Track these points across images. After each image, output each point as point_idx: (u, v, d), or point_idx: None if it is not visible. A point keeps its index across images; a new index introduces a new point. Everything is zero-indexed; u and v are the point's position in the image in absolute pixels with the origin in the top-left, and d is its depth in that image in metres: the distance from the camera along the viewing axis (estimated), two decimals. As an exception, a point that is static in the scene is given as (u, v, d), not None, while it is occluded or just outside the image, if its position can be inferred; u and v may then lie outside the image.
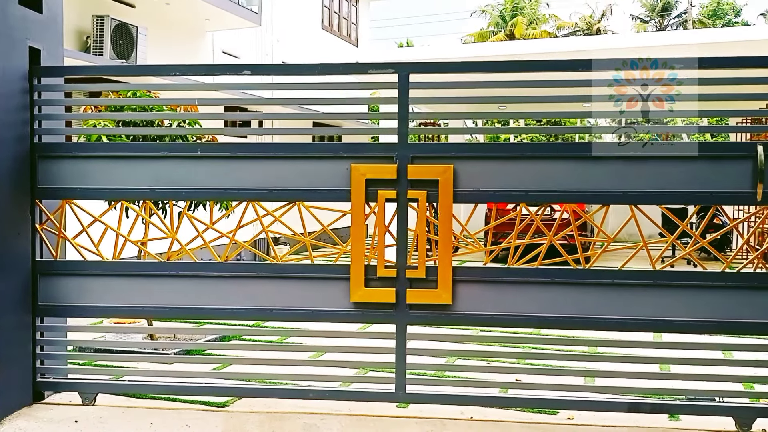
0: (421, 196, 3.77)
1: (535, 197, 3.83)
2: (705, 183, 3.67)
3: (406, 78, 3.80)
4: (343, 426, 3.74)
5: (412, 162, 3.79)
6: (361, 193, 3.80)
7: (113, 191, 4.09)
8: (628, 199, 3.74)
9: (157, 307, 4.12)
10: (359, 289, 3.82)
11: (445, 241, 3.79)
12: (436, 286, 3.78)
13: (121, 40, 9.05)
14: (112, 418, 3.82)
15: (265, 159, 4.01)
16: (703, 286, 3.73)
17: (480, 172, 3.82)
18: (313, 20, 15.86)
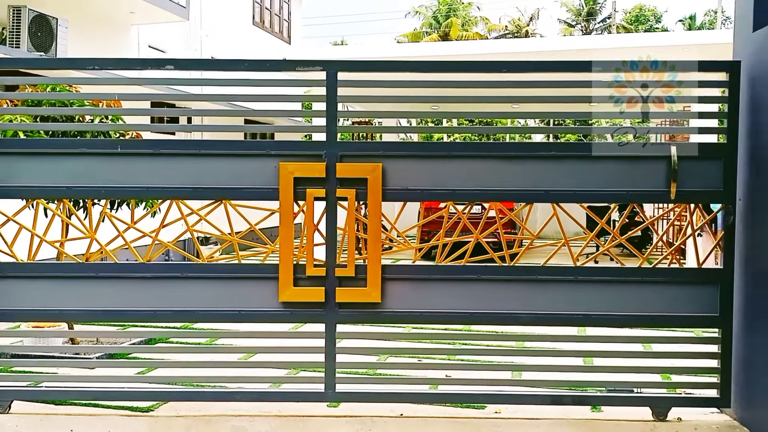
0: (350, 195, 3.77)
1: (462, 195, 3.89)
2: (623, 182, 3.81)
3: (335, 76, 3.80)
4: (272, 427, 3.70)
5: (341, 160, 3.78)
6: (290, 192, 3.77)
7: (28, 189, 3.90)
8: (549, 197, 3.85)
9: (77, 310, 3.94)
10: (288, 289, 3.79)
11: (374, 239, 3.80)
12: (366, 285, 3.78)
13: (39, 32, 8.65)
14: (29, 426, 3.66)
15: (189, 156, 3.90)
16: (620, 281, 3.87)
17: (409, 171, 3.84)
18: (244, 16, 15.62)
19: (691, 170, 3.74)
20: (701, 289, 3.80)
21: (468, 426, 3.77)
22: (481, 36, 36.70)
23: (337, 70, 3.81)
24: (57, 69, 4.78)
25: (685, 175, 3.72)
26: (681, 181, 3.72)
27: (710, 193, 3.79)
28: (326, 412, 3.92)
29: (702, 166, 3.76)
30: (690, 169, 3.73)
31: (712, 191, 3.77)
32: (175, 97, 10.01)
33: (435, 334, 5.49)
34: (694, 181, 3.75)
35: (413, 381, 4.05)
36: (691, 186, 3.75)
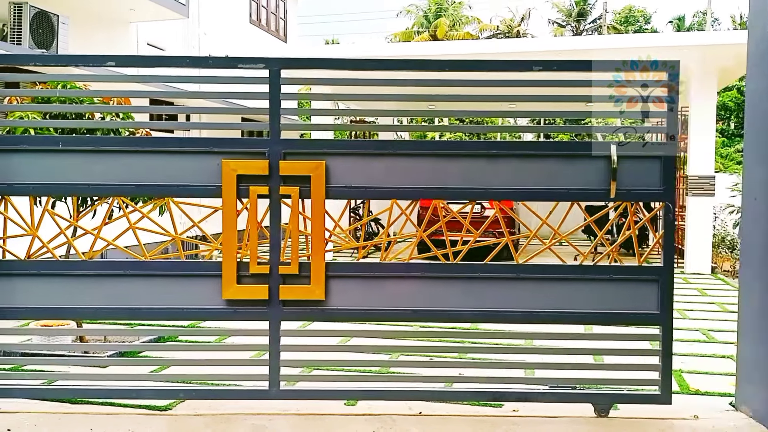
0: (294, 192, 3.77)
1: (404, 194, 3.89)
2: (563, 180, 3.84)
3: (278, 73, 3.80)
4: (291, 425, 3.71)
5: (284, 158, 3.78)
6: (233, 189, 3.76)
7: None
8: (489, 195, 3.89)
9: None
10: (231, 286, 3.79)
11: (317, 237, 3.81)
12: (310, 282, 3.80)
13: (41, 29, 8.58)
14: (48, 425, 3.64)
15: (132, 153, 3.88)
16: (561, 278, 3.89)
17: (352, 169, 3.84)
18: (241, 14, 15.57)
19: (631, 169, 3.78)
20: (641, 286, 3.83)
21: (486, 424, 3.79)
22: (472, 36, 36.76)
23: (279, 67, 3.81)
24: (68, 66, 4.69)
25: (624, 174, 3.77)
26: (621, 180, 3.77)
27: (649, 192, 3.83)
28: (344, 410, 3.93)
29: (642, 165, 3.80)
30: (629, 168, 3.78)
31: (651, 190, 3.81)
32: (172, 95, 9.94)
33: (444, 333, 5.51)
34: (633, 179, 3.79)
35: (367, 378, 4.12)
36: (630, 185, 3.79)
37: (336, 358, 4.34)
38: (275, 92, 3.79)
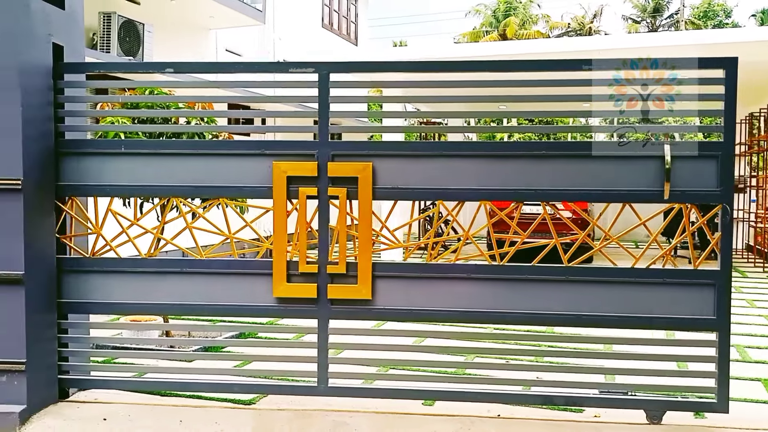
0: (341, 193, 3.84)
1: (451, 195, 3.89)
2: (615, 181, 3.75)
3: (326, 77, 3.85)
4: (372, 423, 3.76)
5: (332, 159, 3.84)
6: (283, 190, 3.85)
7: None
8: (537, 196, 3.82)
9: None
10: (281, 285, 3.88)
11: (364, 237, 3.86)
12: (357, 282, 3.84)
13: (127, 38, 9.00)
14: (141, 415, 3.82)
15: (192, 156, 4.02)
16: (613, 281, 3.81)
17: (398, 170, 3.87)
18: (314, 18, 15.86)
19: (686, 170, 3.68)
20: (697, 290, 3.72)
21: (567, 429, 3.74)
22: (542, 34, 36.18)
23: (328, 71, 3.87)
24: (135, 72, 4.94)
25: (679, 175, 3.67)
26: (675, 181, 3.66)
27: (705, 193, 3.71)
28: (423, 410, 3.95)
29: (697, 166, 3.69)
30: (684, 169, 3.68)
31: (707, 191, 3.70)
32: (249, 99, 10.22)
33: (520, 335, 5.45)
34: (689, 180, 3.69)
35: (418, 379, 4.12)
36: (685, 186, 3.69)
37: (411, 358, 4.37)
38: (324, 95, 3.87)
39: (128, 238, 4.10)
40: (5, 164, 3.69)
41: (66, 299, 4.04)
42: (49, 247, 3.96)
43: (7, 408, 3.64)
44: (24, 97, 3.72)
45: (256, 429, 3.69)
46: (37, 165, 3.84)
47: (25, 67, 3.73)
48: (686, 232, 3.77)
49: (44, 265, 3.90)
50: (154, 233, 4.10)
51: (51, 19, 3.97)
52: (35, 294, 3.80)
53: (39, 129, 3.87)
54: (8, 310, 3.69)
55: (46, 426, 3.64)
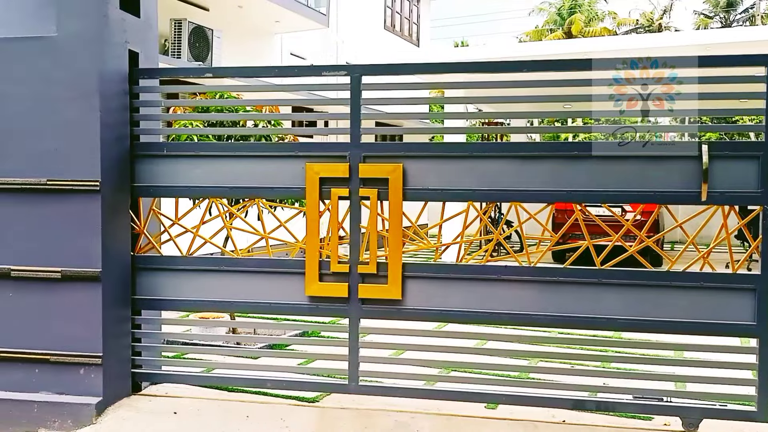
0: (372, 194, 3.88)
1: (481, 196, 3.89)
2: (651, 183, 3.68)
3: (359, 80, 3.90)
4: (433, 425, 3.76)
5: (364, 161, 3.90)
6: (316, 191, 3.93)
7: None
8: (571, 197, 3.79)
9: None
10: (313, 284, 3.96)
11: (394, 237, 3.89)
12: (387, 282, 3.88)
13: (197, 43, 9.30)
14: (209, 410, 3.94)
15: (225, 158, 4.15)
16: (647, 285, 3.72)
17: (428, 171, 3.90)
18: (376, 21, 15.98)
19: (725, 170, 3.58)
20: (736, 295, 3.61)
21: (634, 437, 3.65)
22: (609, 31, 35.29)
23: (360, 74, 3.92)
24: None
25: (717, 176, 3.57)
26: (713, 182, 3.57)
27: (745, 195, 3.59)
28: (486, 413, 3.93)
29: (736, 166, 3.58)
30: (723, 169, 3.58)
31: (747, 193, 3.58)
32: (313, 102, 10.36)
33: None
34: (728, 181, 3.58)
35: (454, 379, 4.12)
36: (724, 187, 3.59)
37: (472, 360, 4.34)
38: (356, 98, 3.93)
39: (170, 237, 4.28)
40: (85, 166, 3.86)
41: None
42: (125, 245, 4.13)
43: (85, 399, 3.81)
44: (102, 102, 3.89)
45: (320, 426, 3.75)
46: (114, 167, 4.01)
47: (103, 74, 3.91)
48: (726, 234, 3.67)
49: (120, 263, 4.07)
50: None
51: (127, 27, 4.14)
52: (111, 290, 3.97)
53: (116, 132, 4.04)
54: (86, 306, 3.87)
55: (120, 418, 3.79)
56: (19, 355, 3.92)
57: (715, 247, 3.72)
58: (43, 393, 3.87)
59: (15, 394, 3.88)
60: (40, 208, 3.91)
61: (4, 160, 3.93)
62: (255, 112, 5.48)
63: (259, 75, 4.96)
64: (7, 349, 3.93)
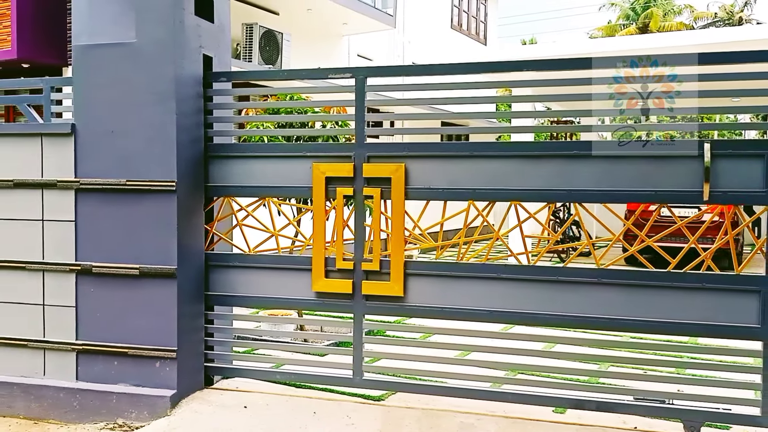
0: (376, 193, 3.98)
1: (482, 195, 3.91)
2: (651, 182, 3.64)
3: (363, 81, 4.00)
4: (499, 427, 3.72)
5: (368, 161, 4.00)
6: (322, 190, 4.05)
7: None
8: (572, 197, 3.79)
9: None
10: (320, 280, 4.09)
11: (397, 235, 3.96)
12: (390, 279, 3.95)
13: (267, 47, 9.52)
14: (278, 405, 4.02)
15: (249, 158, 4.31)
16: (647, 285, 3.68)
17: (430, 170, 3.96)
18: (443, 20, 15.93)
19: (728, 169, 3.52)
20: (740, 297, 3.53)
21: (711, 447, 3.51)
22: (685, 26, 34.00)
23: (364, 75, 4.03)
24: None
25: (720, 175, 3.52)
26: (715, 182, 3.51)
27: (749, 194, 3.52)
28: (553, 417, 3.87)
29: (740, 165, 3.51)
30: (726, 169, 3.52)
31: (751, 192, 3.51)
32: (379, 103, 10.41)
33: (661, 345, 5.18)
34: (731, 181, 3.52)
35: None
36: (728, 186, 3.52)
37: (539, 363, 4.26)
38: (360, 99, 4.02)
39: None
40: (161, 167, 4.02)
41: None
42: (199, 243, 4.27)
43: (160, 392, 3.96)
44: (178, 105, 4.04)
45: (385, 425, 3.77)
46: (189, 168, 4.15)
47: (179, 77, 4.05)
48: (729, 234, 3.56)
49: (194, 260, 4.21)
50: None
51: (202, 32, 4.28)
52: (186, 286, 4.12)
53: (190, 134, 4.19)
54: (162, 301, 4.03)
55: (193, 411, 3.92)
56: (100, 348, 4.11)
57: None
58: (121, 385, 4.06)
59: (96, 385, 4.08)
60: (121, 207, 4.09)
61: (90, 161, 4.13)
62: (323, 113, 5.56)
63: (274, 77, 5.24)
64: (89, 342, 4.13)
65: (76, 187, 4.15)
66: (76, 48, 4.20)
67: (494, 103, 8.55)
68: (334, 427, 3.71)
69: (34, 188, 4.24)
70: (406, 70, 4.30)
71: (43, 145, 4.24)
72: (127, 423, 3.91)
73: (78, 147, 4.17)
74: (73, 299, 4.17)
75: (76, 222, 4.17)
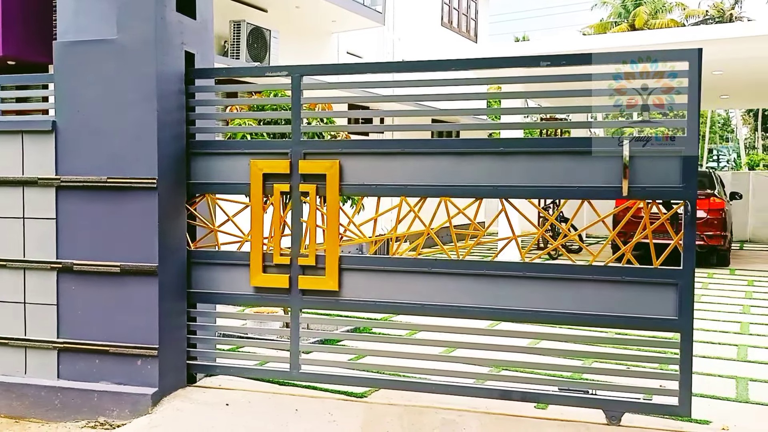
0: (312, 189, 4.05)
1: (414, 191, 3.96)
2: (573, 178, 3.71)
3: (299, 79, 4.07)
4: (482, 423, 3.72)
5: (304, 158, 4.07)
6: (259, 187, 4.10)
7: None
8: (498, 193, 3.85)
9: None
10: (258, 275, 4.15)
11: (331, 231, 4.01)
12: (325, 274, 4.02)
13: (255, 44, 9.47)
14: (260, 403, 4.01)
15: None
16: (571, 279, 3.73)
17: (364, 167, 4.02)
18: (433, 17, 15.91)
19: (647, 166, 3.60)
20: (659, 290, 3.61)
21: (691, 441, 3.52)
22: (676, 23, 34.10)
23: (301, 74, 4.10)
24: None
25: (639, 171, 3.60)
26: (635, 178, 3.59)
27: (667, 190, 3.59)
28: (536, 413, 3.87)
29: (658, 162, 3.59)
30: (645, 165, 3.59)
31: (669, 188, 3.58)
32: (368, 99, 10.42)
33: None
34: (650, 176, 3.60)
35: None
36: (646, 182, 3.60)
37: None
38: (296, 97, 4.09)
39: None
40: (143, 164, 4.00)
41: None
42: (181, 240, 4.25)
43: (141, 390, 3.95)
44: (160, 101, 4.01)
45: (367, 422, 3.76)
46: (171, 165, 4.13)
47: (161, 74, 4.03)
48: (647, 229, 3.65)
49: (176, 258, 4.20)
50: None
51: (184, 29, 4.26)
52: (167, 284, 4.10)
53: (172, 131, 4.17)
54: (143, 299, 4.01)
55: (175, 408, 3.91)
56: (81, 346, 4.09)
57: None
58: (103, 383, 4.04)
59: (77, 383, 4.06)
60: (102, 204, 4.06)
61: (71, 159, 4.11)
62: (308, 110, 5.54)
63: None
64: (70, 340, 4.11)
65: (57, 184, 4.13)
66: (57, 45, 4.17)
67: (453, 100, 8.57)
68: (315, 424, 3.70)
69: (14, 186, 4.21)
70: (343, 69, 4.34)
71: (24, 143, 4.21)
72: (108, 421, 3.89)
73: (59, 144, 4.14)
74: (54, 297, 4.15)
75: (57, 219, 4.14)
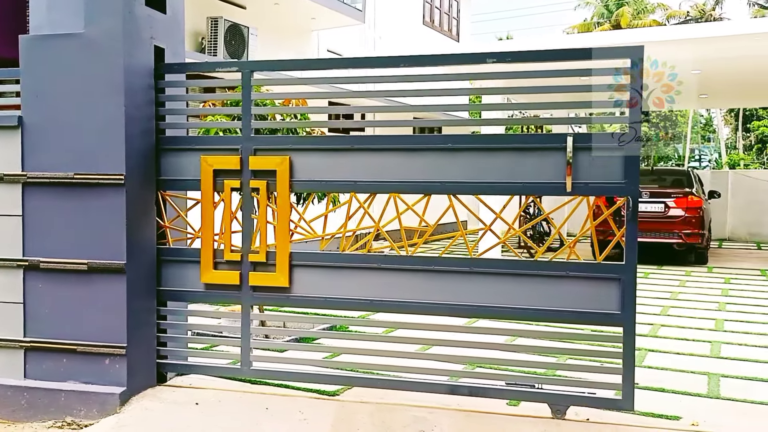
0: (262, 186, 4.03)
1: (364, 187, 3.98)
2: (518, 174, 3.73)
3: (249, 75, 4.07)
4: (453, 421, 3.70)
5: (254, 154, 4.06)
6: (210, 183, 4.09)
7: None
8: (446, 189, 3.86)
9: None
10: (208, 272, 4.13)
11: (282, 227, 4.01)
12: (275, 270, 4.02)
13: (233, 41, 9.40)
14: (230, 402, 3.97)
15: None
16: (516, 274, 3.77)
17: (314, 164, 4.02)
18: (415, 16, 15.89)
19: (590, 162, 3.62)
20: (602, 284, 3.64)
21: (661, 437, 3.53)
22: (658, 23, 34.39)
23: (251, 69, 4.10)
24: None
25: (582, 167, 3.62)
26: (578, 174, 3.62)
27: (610, 186, 3.62)
28: (507, 410, 3.86)
29: (602, 158, 3.61)
30: (589, 161, 3.62)
31: (611, 184, 3.61)
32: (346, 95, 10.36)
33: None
34: (593, 173, 3.62)
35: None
36: (589, 178, 3.63)
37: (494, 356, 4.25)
38: (247, 93, 4.09)
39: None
40: (110, 160, 3.93)
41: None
42: (150, 238, 4.19)
43: (109, 389, 3.89)
44: (128, 96, 3.95)
45: (338, 419, 3.73)
46: (139, 161, 4.07)
47: (129, 69, 3.96)
48: (590, 225, 3.70)
49: (145, 255, 4.13)
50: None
51: (153, 23, 4.19)
52: (136, 282, 4.03)
53: (141, 126, 4.10)
54: (111, 297, 3.94)
55: (143, 408, 3.85)
56: (48, 345, 4.02)
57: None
58: (70, 382, 3.97)
59: (44, 383, 3.99)
60: (69, 201, 3.99)
61: (37, 155, 4.04)
62: (282, 105, 5.49)
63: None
64: (37, 339, 4.03)
65: (24, 180, 4.05)
66: (24, 39, 4.10)
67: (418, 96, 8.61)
68: (286, 423, 3.67)
69: (-21, 182, 4.13)
70: (295, 65, 4.34)
71: (-12, 138, 4.13)
72: (75, 421, 3.83)
73: (25, 140, 4.07)
74: (20, 295, 4.07)
75: (24, 216, 4.07)
